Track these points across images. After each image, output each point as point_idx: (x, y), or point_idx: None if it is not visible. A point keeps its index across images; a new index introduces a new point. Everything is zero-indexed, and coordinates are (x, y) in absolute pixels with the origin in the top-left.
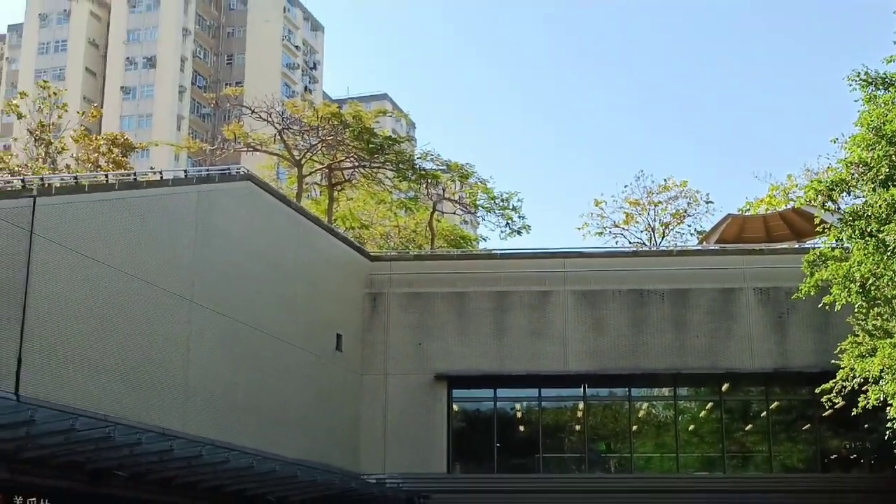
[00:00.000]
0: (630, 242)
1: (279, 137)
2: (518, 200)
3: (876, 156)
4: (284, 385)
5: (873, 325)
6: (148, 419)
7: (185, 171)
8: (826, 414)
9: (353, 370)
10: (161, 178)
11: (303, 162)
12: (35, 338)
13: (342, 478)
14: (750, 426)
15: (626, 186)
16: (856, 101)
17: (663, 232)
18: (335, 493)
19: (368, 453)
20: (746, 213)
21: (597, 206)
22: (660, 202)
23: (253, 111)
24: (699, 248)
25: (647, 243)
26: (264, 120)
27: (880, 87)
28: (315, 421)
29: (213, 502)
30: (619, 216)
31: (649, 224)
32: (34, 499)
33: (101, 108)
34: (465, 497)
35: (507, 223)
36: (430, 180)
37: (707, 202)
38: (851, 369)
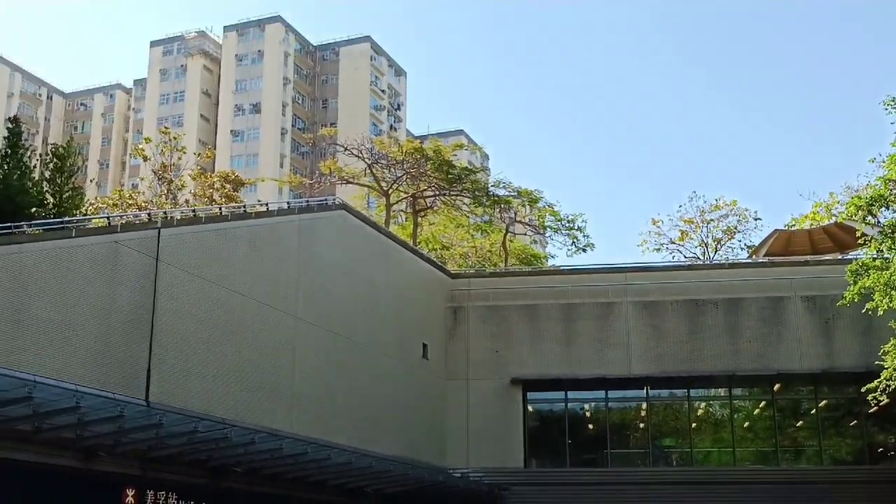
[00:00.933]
0: (685, 257)
1: (369, 171)
2: (583, 221)
3: None
4: (377, 390)
5: None
6: (260, 421)
7: (288, 202)
8: (872, 411)
9: (438, 376)
10: (267, 209)
11: (390, 192)
12: (162, 351)
13: (430, 472)
14: (801, 422)
15: (680, 206)
16: (892, 123)
17: (716, 247)
18: (425, 485)
19: (453, 450)
20: (792, 228)
21: (654, 224)
22: (712, 220)
23: (345, 148)
24: (749, 261)
25: (701, 258)
26: (355, 156)
27: None
28: (405, 421)
29: (318, 495)
30: (675, 233)
31: (703, 240)
32: (163, 492)
33: (214, 149)
34: (540, 489)
35: (573, 242)
36: (502, 205)
37: (755, 219)
38: (895, 369)
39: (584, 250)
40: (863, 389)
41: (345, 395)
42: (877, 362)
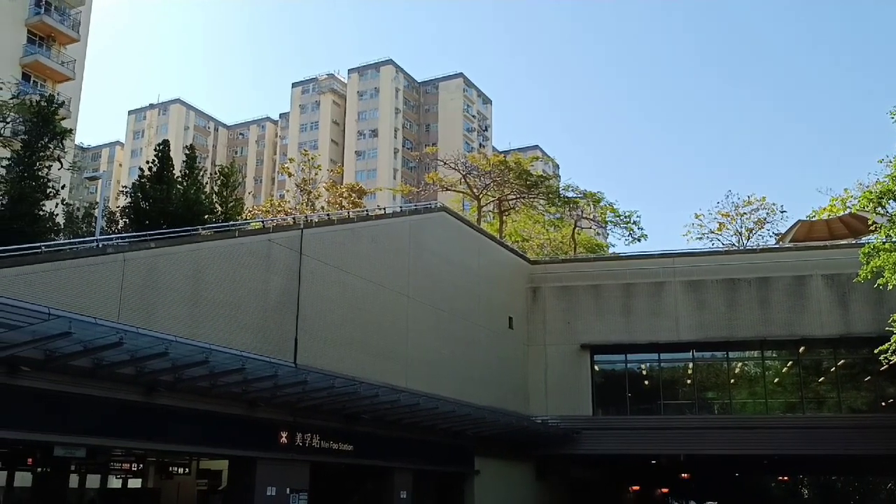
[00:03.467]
0: (723, 244)
1: (463, 180)
2: (637, 216)
3: None
4: (473, 353)
5: None
6: (382, 379)
7: (401, 207)
8: (883, 368)
9: (521, 342)
10: (385, 212)
11: (480, 196)
12: (305, 324)
13: (517, 418)
14: (822, 378)
15: (718, 203)
16: None
17: (748, 235)
18: (512, 429)
19: (535, 401)
20: (813, 219)
21: (696, 218)
22: (745, 213)
23: (444, 163)
24: (777, 246)
25: (737, 244)
26: (452, 169)
27: None
28: (495, 378)
29: (428, 436)
30: (714, 225)
31: (737, 230)
32: (309, 434)
33: (342, 166)
34: (606, 432)
35: (630, 233)
36: (571, 205)
37: (782, 211)
38: None
39: (639, 240)
40: (875, 351)
41: (447, 358)
42: (887, 328)
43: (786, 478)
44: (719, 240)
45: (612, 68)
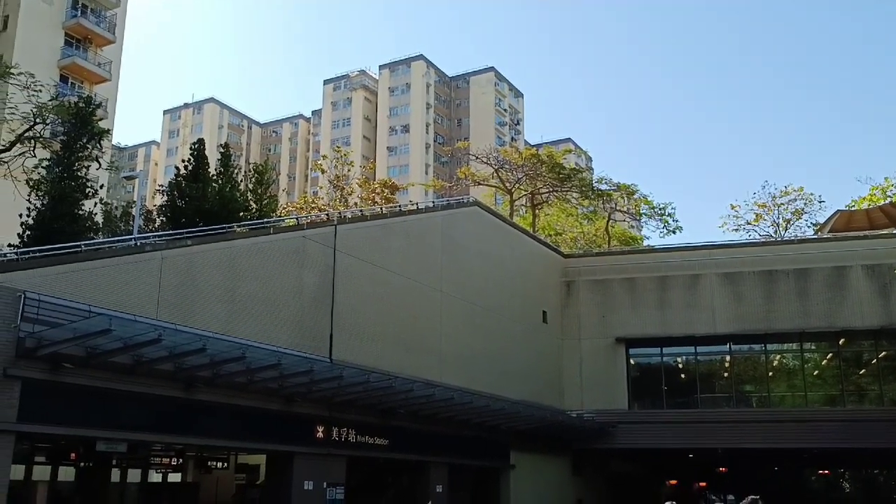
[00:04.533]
0: (760, 235)
1: (495, 174)
2: (672, 208)
3: None
4: (507, 348)
5: None
6: (416, 373)
7: (433, 202)
8: None
9: (556, 336)
10: (417, 207)
11: (513, 190)
12: (340, 320)
13: (552, 413)
14: (863, 371)
15: (754, 193)
16: None
17: (786, 226)
18: (548, 423)
19: (570, 395)
20: (852, 209)
21: (732, 209)
22: (782, 204)
23: (476, 157)
24: (815, 237)
25: (774, 235)
26: (484, 163)
27: None
28: (530, 373)
29: (463, 431)
30: (751, 216)
31: (774, 221)
32: (345, 429)
33: (374, 162)
34: (641, 426)
35: (665, 225)
36: (605, 198)
37: (820, 201)
38: None
39: (674, 232)
40: None
41: (482, 353)
42: None
43: (826, 472)
44: (756, 231)
45: (645, 58)
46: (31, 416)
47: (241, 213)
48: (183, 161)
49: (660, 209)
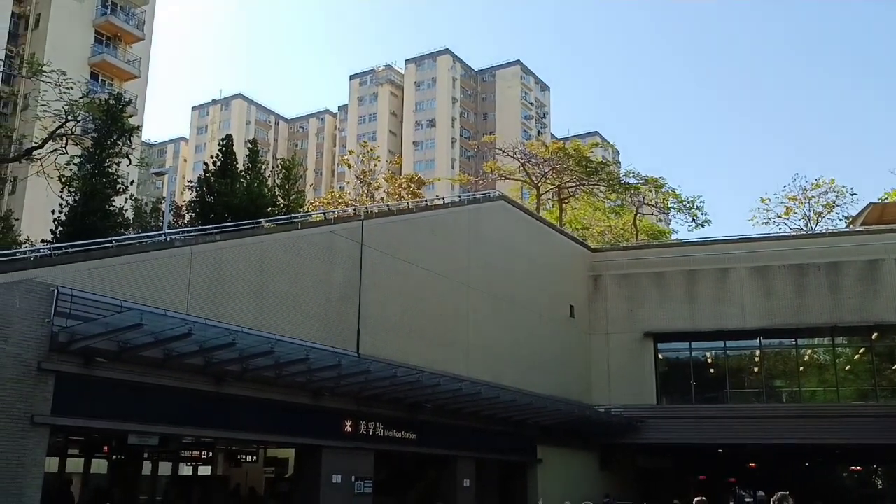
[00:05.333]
0: (790, 229)
1: (522, 168)
2: (701, 201)
3: None
4: (534, 342)
5: None
6: (443, 368)
7: (459, 196)
8: None
9: (583, 331)
10: (443, 202)
11: (539, 184)
12: (367, 314)
13: (580, 407)
14: None
15: (785, 186)
16: None
17: (817, 219)
18: (575, 418)
19: (597, 390)
20: (885, 201)
21: (762, 202)
22: (813, 196)
23: (503, 151)
24: (848, 230)
25: (805, 229)
26: (511, 157)
27: None
28: (557, 367)
29: (490, 426)
30: (781, 209)
31: (805, 214)
32: (372, 423)
33: (401, 157)
34: (670, 421)
35: (693, 219)
36: (633, 191)
37: (852, 194)
38: None
39: (703, 225)
40: None
41: (508, 347)
42: None
43: (858, 468)
44: (786, 224)
45: (673, 50)
46: (65, 410)
47: (269, 209)
48: (211, 157)
49: (688, 202)
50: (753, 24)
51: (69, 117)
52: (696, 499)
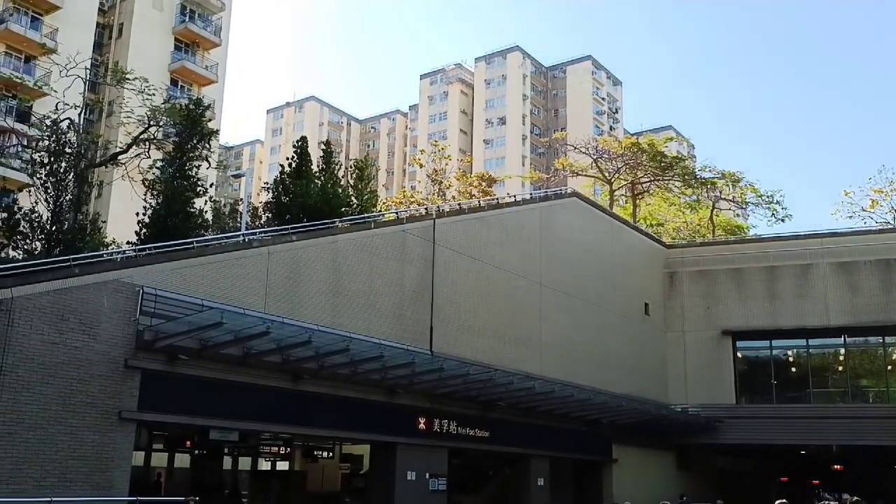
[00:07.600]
0: (876, 223)
1: (594, 165)
2: (781, 196)
3: None
4: (609, 341)
5: None
6: (516, 366)
7: (531, 194)
8: None
9: (659, 329)
10: (515, 200)
11: (612, 180)
12: (440, 313)
13: (655, 407)
14: None
15: (870, 178)
16: None
17: None
18: (651, 417)
19: (674, 389)
20: None
21: (846, 195)
22: None
23: (574, 148)
24: None
25: (892, 223)
26: (583, 153)
27: None
28: (633, 366)
29: (564, 424)
30: (866, 202)
31: (892, 207)
32: (446, 420)
33: (472, 155)
34: (749, 421)
35: (773, 214)
36: (709, 186)
37: None
38: None
39: (783, 220)
40: None
41: (582, 345)
42: None
43: None
44: (872, 218)
45: (747, 41)
46: (150, 406)
47: (343, 209)
48: (287, 158)
49: (767, 197)
50: (831, 13)
51: (151, 123)
52: (779, 501)
